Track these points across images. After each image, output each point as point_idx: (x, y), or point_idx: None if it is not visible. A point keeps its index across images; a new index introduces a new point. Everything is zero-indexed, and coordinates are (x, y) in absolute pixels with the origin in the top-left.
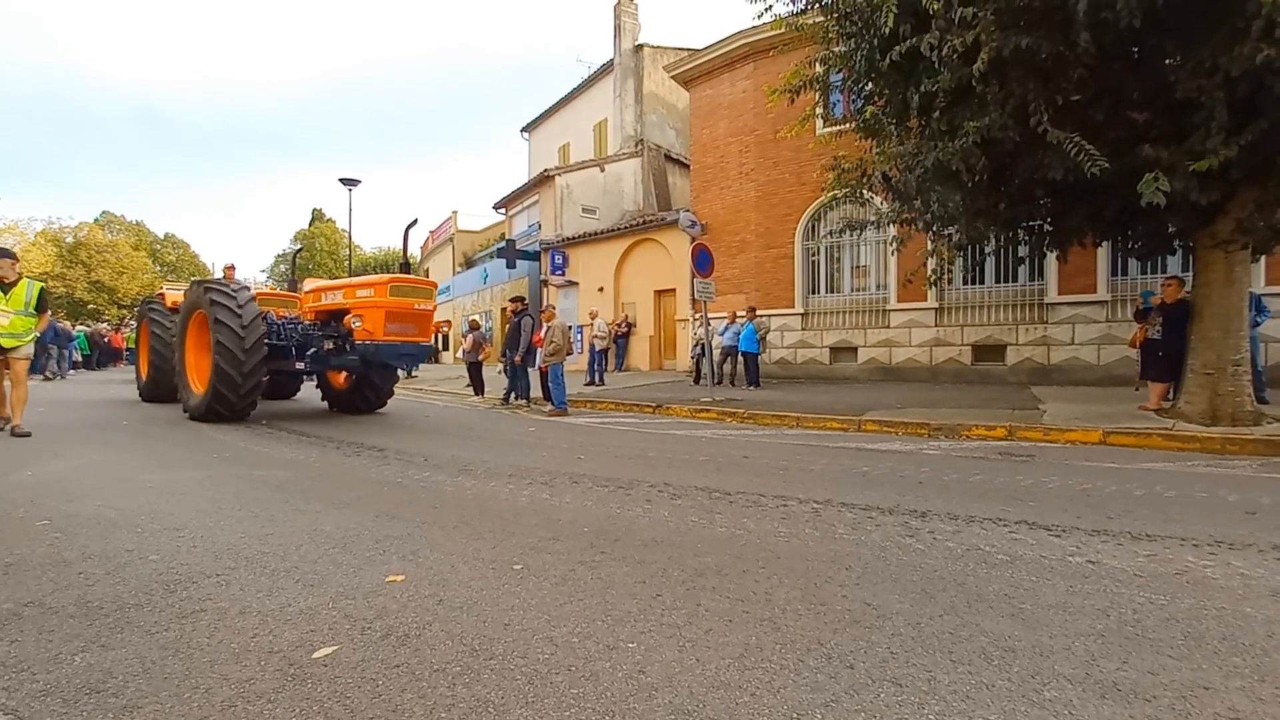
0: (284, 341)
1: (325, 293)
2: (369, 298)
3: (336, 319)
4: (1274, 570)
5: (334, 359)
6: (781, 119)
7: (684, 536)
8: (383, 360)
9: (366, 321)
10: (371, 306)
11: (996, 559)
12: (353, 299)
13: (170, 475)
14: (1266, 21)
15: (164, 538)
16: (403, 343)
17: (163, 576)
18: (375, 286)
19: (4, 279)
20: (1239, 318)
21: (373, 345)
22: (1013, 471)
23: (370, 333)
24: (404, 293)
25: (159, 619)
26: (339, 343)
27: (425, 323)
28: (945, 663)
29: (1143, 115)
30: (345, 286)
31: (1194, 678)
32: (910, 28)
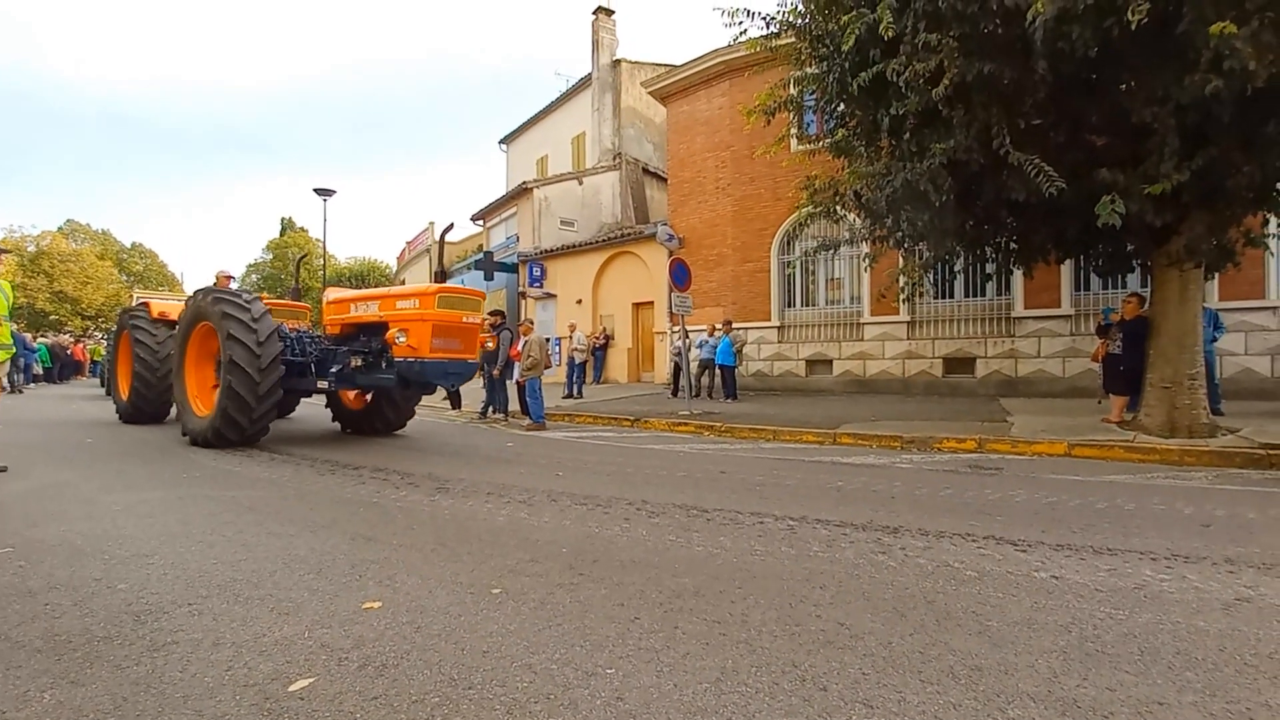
0: (301, 357)
1: (355, 304)
2: (412, 310)
3: (368, 333)
4: (1226, 583)
5: (361, 377)
6: (757, 136)
7: (662, 556)
8: (427, 380)
9: (412, 337)
10: (416, 320)
11: (965, 575)
12: (392, 311)
13: (138, 496)
14: (1214, 54)
15: (132, 565)
16: (450, 360)
17: (132, 606)
18: (421, 297)
19: None
20: (1194, 334)
21: (417, 363)
22: (981, 485)
23: (415, 349)
24: (453, 304)
25: (129, 652)
26: (369, 359)
27: (472, 338)
28: (915, 683)
29: (1100, 140)
30: (382, 297)
31: (1150, 693)
32: (879, 52)
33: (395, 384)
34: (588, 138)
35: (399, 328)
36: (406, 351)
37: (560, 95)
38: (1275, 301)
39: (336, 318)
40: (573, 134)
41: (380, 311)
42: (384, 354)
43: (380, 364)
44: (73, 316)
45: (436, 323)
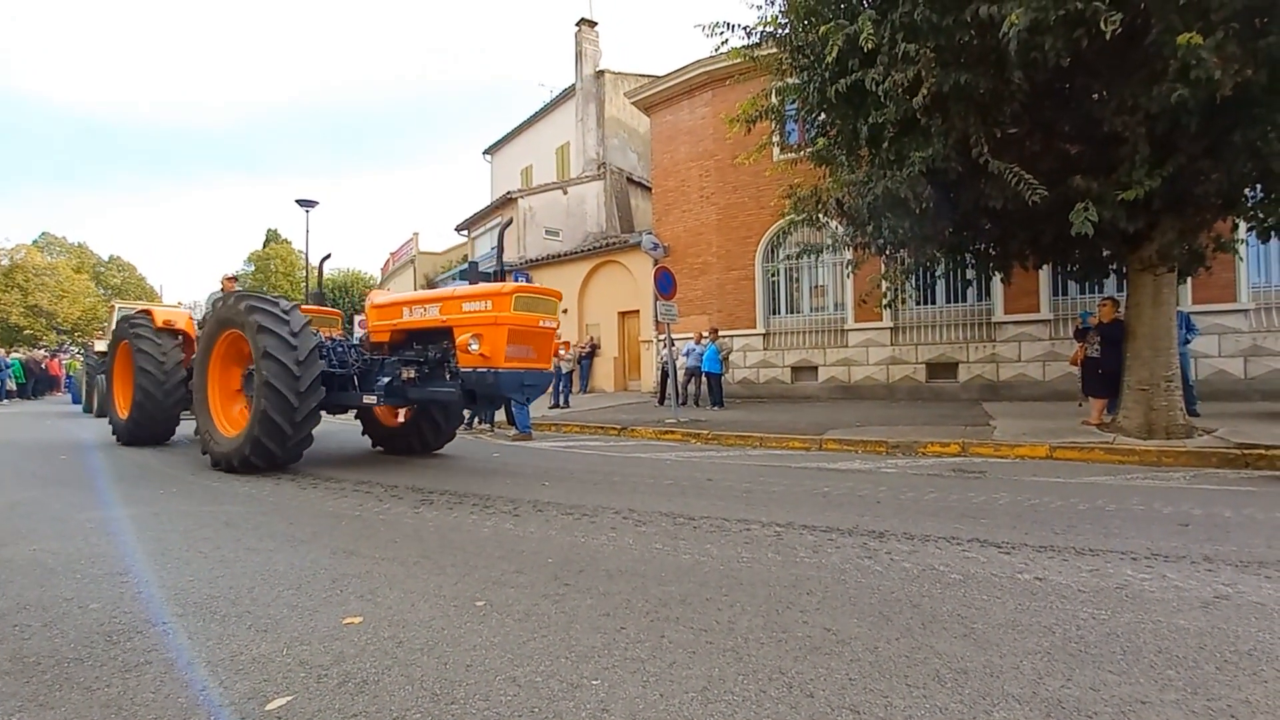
0: (342, 369)
1: (409, 307)
2: (484, 313)
3: (423, 339)
4: (1205, 582)
5: (414, 390)
6: (740, 145)
7: (648, 565)
8: (500, 393)
9: (485, 343)
10: (489, 324)
11: (950, 578)
12: (457, 314)
13: (112, 513)
14: (1182, 64)
15: (105, 584)
16: (526, 370)
17: (104, 627)
18: (494, 298)
19: None
20: (1168, 336)
21: (490, 374)
22: (965, 489)
23: (488, 358)
24: (530, 306)
25: (100, 673)
26: (426, 369)
27: (548, 345)
28: (901, 687)
29: (1074, 148)
30: (445, 299)
31: (1132, 693)
32: (858, 62)
33: (459, 398)
34: (572, 148)
35: (471, 333)
36: (476, 361)
37: (544, 106)
38: (1247, 304)
39: (384, 323)
40: (557, 144)
41: (443, 315)
42: (445, 363)
43: (441, 374)
44: (48, 331)
45: (513, 327)
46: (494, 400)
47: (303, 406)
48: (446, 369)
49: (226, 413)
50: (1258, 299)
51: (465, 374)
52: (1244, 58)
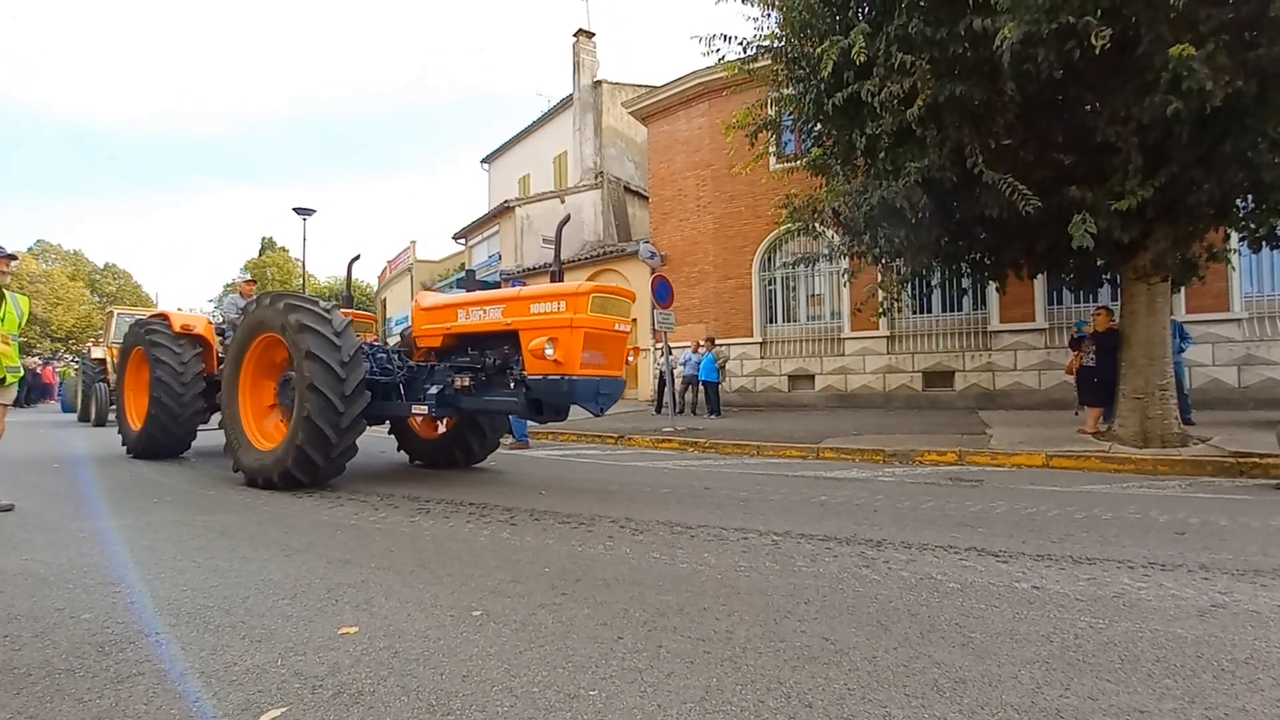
0: (386, 377)
1: (466, 309)
2: (556, 315)
3: (480, 344)
4: (1201, 590)
5: (469, 399)
6: (737, 155)
7: (645, 574)
8: (575, 402)
9: (559, 348)
10: (564, 327)
11: (948, 587)
12: (524, 316)
13: (105, 523)
14: (1173, 75)
15: (98, 593)
16: (601, 378)
17: (96, 637)
18: (569, 299)
19: None
20: (1163, 345)
21: (564, 382)
22: (963, 497)
23: (561, 364)
24: (605, 307)
25: (92, 684)
26: (483, 376)
27: (620, 350)
28: (900, 697)
29: (1068, 158)
30: (509, 300)
31: (1130, 702)
32: (854, 74)
33: (522, 408)
34: (569, 157)
35: (547, 336)
36: (548, 367)
37: (542, 115)
38: (1240, 314)
39: (434, 327)
40: (554, 153)
41: (506, 318)
42: (507, 370)
43: (501, 382)
44: (42, 339)
45: (589, 330)
46: (560, 411)
47: (349, 411)
48: (510, 376)
49: (260, 425)
50: (1250, 308)
51: (534, 382)
52: (1234, 69)
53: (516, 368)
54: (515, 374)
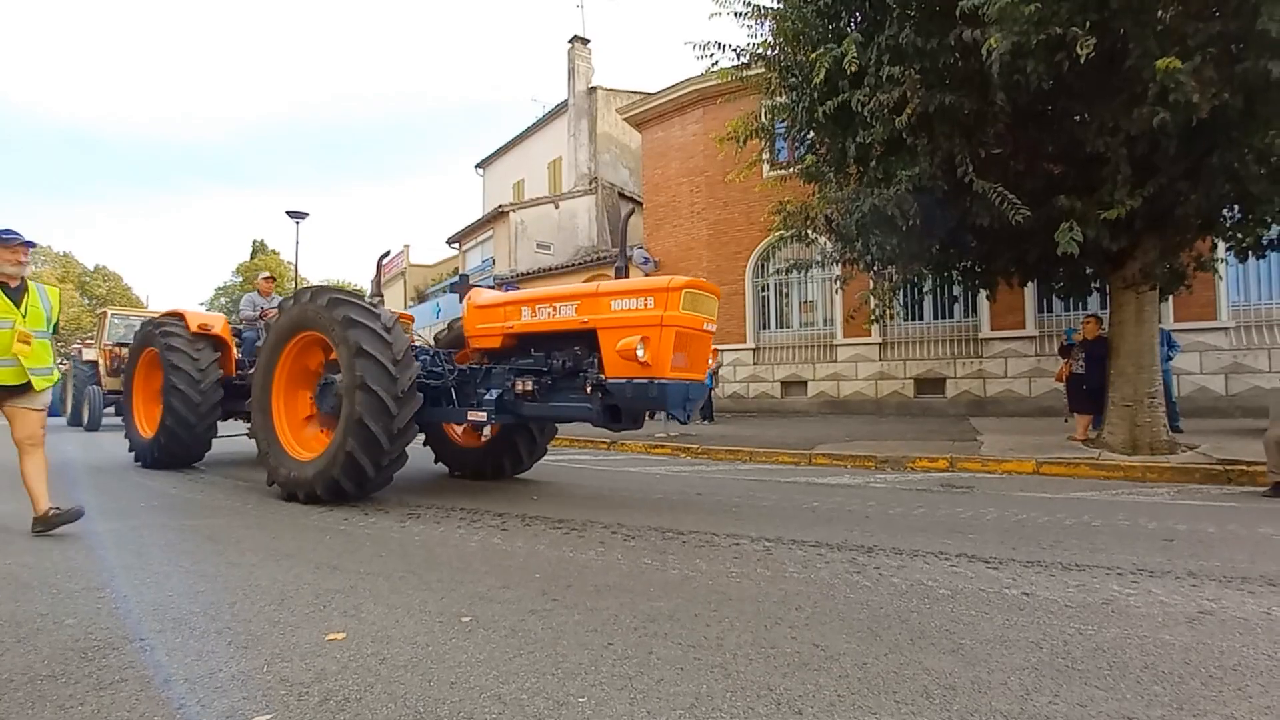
0: (436, 380)
1: (530, 307)
2: (644, 312)
3: (544, 346)
4: (1189, 597)
5: (531, 406)
6: (730, 162)
7: (636, 580)
8: (661, 408)
9: (649, 349)
10: (653, 325)
11: (939, 593)
12: (604, 314)
13: (90, 527)
14: (1160, 88)
15: (82, 599)
16: (690, 382)
17: (79, 643)
18: (658, 294)
19: (8, 280)
20: (1151, 353)
21: (653, 386)
22: (953, 504)
23: (649, 367)
24: (695, 304)
25: (74, 691)
26: (549, 380)
27: (705, 352)
28: (890, 704)
29: (1057, 168)
30: (583, 296)
31: (1119, 708)
32: (846, 83)
33: (597, 415)
34: (564, 162)
35: (636, 336)
36: (634, 370)
37: (536, 121)
38: (1227, 322)
39: (492, 327)
40: (549, 159)
41: (581, 315)
42: (580, 373)
43: (573, 386)
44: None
45: (680, 329)
46: (638, 419)
47: (401, 414)
48: (585, 380)
49: (297, 433)
50: (1238, 317)
51: (616, 386)
52: (1220, 82)
53: (591, 370)
54: (591, 377)
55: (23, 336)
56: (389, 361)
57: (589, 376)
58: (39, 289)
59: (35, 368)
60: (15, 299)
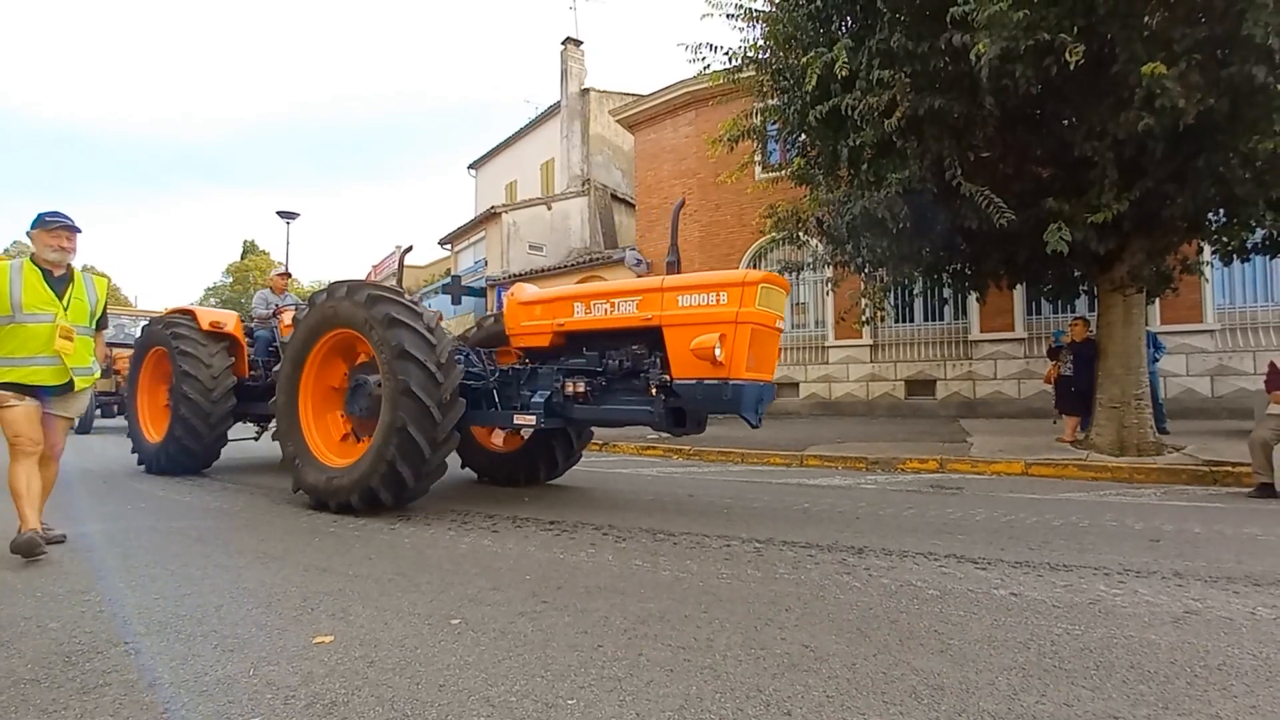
0: (476, 382)
1: (583, 303)
2: (716, 308)
3: (598, 344)
4: (1175, 597)
5: (582, 408)
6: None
7: (627, 582)
8: (734, 411)
9: (726, 348)
10: (727, 323)
11: (928, 594)
12: (670, 311)
13: (76, 529)
14: (1147, 92)
15: (65, 602)
16: (763, 384)
17: (63, 647)
18: (731, 289)
19: (50, 267)
20: (1138, 355)
21: (726, 388)
22: (943, 504)
23: (723, 366)
24: (769, 300)
25: (57, 695)
26: (603, 381)
27: (774, 351)
28: (878, 704)
29: (1046, 171)
30: (646, 291)
31: (1105, 708)
32: (838, 87)
33: (659, 420)
34: (557, 164)
35: (718, 334)
36: (704, 370)
37: (529, 122)
38: (1213, 325)
39: (539, 324)
40: (542, 160)
41: (645, 312)
42: (640, 374)
43: (630, 388)
44: None
45: (758, 326)
46: (702, 423)
47: (445, 422)
48: (646, 381)
49: (326, 438)
50: (1223, 320)
51: (685, 387)
52: (1206, 87)
53: (654, 370)
54: (653, 378)
55: (65, 332)
56: (433, 365)
57: (651, 377)
58: (85, 279)
59: (78, 367)
60: (59, 290)
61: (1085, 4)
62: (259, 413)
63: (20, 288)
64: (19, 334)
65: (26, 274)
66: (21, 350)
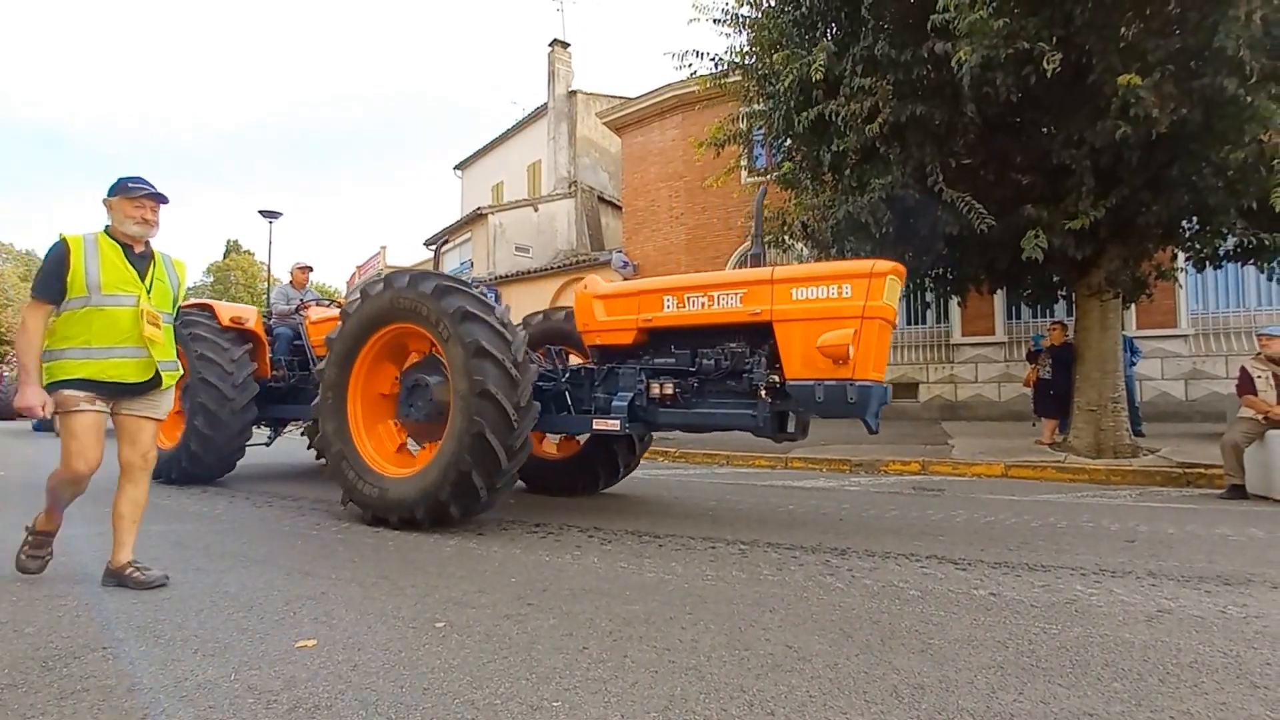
0: (547, 383)
1: (675, 296)
2: (838, 302)
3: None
4: (1149, 596)
5: (669, 413)
6: (709, 167)
7: (612, 584)
8: (858, 416)
9: (862, 346)
10: (852, 318)
11: (909, 594)
12: (782, 304)
13: None
14: (1122, 102)
15: (42, 606)
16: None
17: (40, 652)
18: (856, 280)
19: (131, 242)
20: (1114, 359)
21: (852, 389)
22: (925, 506)
23: (848, 365)
24: (893, 294)
25: (35, 701)
26: (695, 383)
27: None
28: (860, 704)
29: (1026, 178)
30: (754, 283)
31: (1080, 705)
32: (822, 93)
33: (762, 426)
34: (543, 165)
35: (850, 329)
36: (825, 370)
37: (516, 123)
38: (1187, 330)
39: (621, 319)
40: (528, 162)
41: (750, 305)
42: (743, 374)
43: (727, 389)
44: None
45: (884, 323)
46: (806, 428)
47: (522, 427)
48: (750, 382)
49: (378, 445)
50: (1196, 325)
51: (800, 389)
52: (1180, 98)
53: (758, 370)
54: (757, 378)
55: (151, 317)
56: (510, 363)
57: (755, 378)
58: (165, 259)
59: (165, 360)
60: (140, 269)
61: (1064, 15)
62: (278, 416)
63: (98, 264)
64: (97, 319)
65: (104, 248)
66: (101, 339)
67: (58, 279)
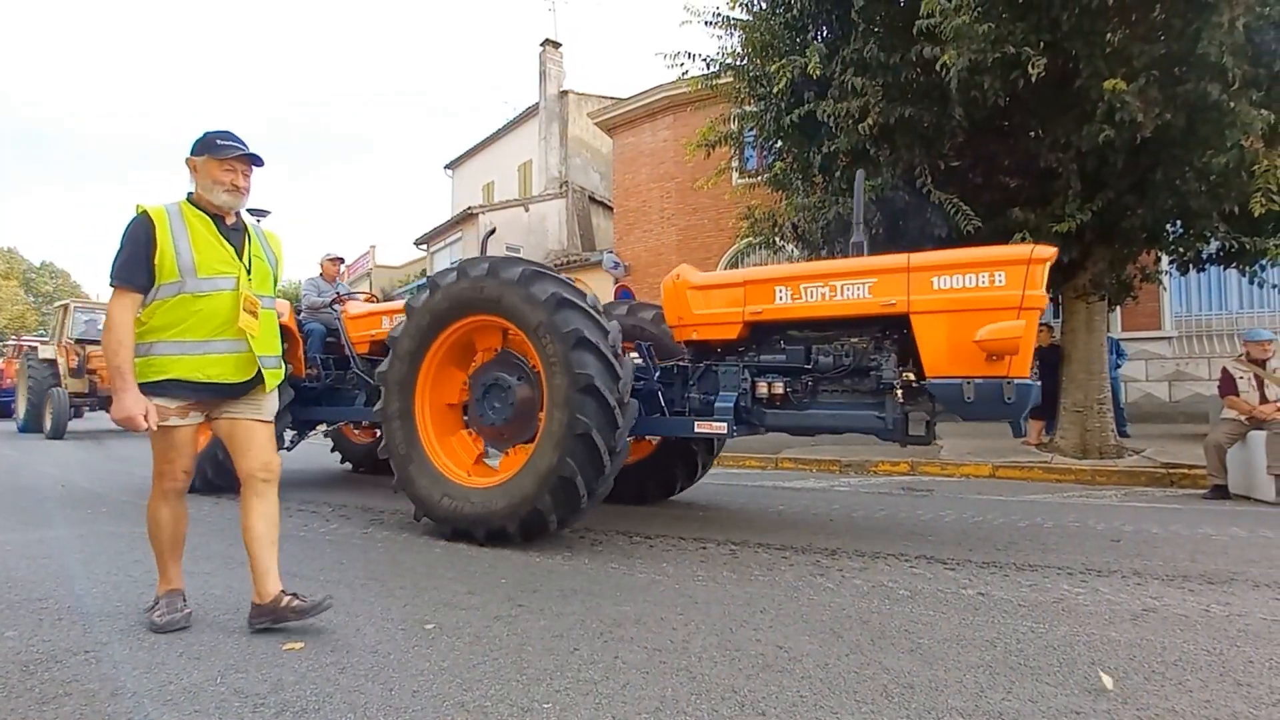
0: (639, 381)
1: (788, 286)
2: (990, 292)
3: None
4: (1134, 595)
5: (778, 414)
6: (700, 168)
7: (603, 585)
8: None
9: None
10: (1008, 309)
11: (899, 594)
12: (921, 294)
13: (35, 534)
14: (1108, 106)
15: (23, 610)
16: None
17: (20, 656)
18: (1012, 267)
19: (222, 213)
20: (1100, 361)
21: (1010, 387)
22: (914, 506)
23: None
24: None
25: (15, 706)
26: (808, 382)
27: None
28: (850, 703)
29: (1013, 181)
30: (885, 271)
31: (1067, 704)
32: (813, 94)
33: (889, 429)
34: (534, 165)
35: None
36: (976, 366)
37: (507, 123)
38: (1171, 332)
39: (723, 312)
40: (519, 161)
41: (882, 295)
42: (870, 372)
43: (850, 388)
44: None
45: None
46: (931, 431)
47: (625, 424)
48: (878, 380)
49: (452, 455)
50: (1180, 327)
51: (945, 388)
52: (1164, 103)
53: (887, 367)
54: (887, 376)
55: (249, 304)
56: (611, 355)
57: (884, 375)
58: (258, 232)
59: (266, 355)
60: (236, 245)
61: (1050, 20)
62: (307, 419)
63: (188, 241)
64: (190, 308)
65: (192, 222)
66: (194, 332)
67: (145, 261)
